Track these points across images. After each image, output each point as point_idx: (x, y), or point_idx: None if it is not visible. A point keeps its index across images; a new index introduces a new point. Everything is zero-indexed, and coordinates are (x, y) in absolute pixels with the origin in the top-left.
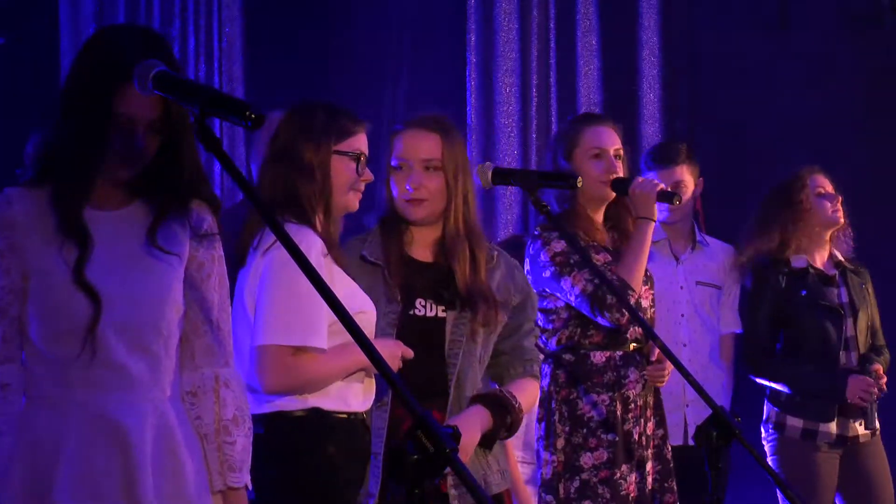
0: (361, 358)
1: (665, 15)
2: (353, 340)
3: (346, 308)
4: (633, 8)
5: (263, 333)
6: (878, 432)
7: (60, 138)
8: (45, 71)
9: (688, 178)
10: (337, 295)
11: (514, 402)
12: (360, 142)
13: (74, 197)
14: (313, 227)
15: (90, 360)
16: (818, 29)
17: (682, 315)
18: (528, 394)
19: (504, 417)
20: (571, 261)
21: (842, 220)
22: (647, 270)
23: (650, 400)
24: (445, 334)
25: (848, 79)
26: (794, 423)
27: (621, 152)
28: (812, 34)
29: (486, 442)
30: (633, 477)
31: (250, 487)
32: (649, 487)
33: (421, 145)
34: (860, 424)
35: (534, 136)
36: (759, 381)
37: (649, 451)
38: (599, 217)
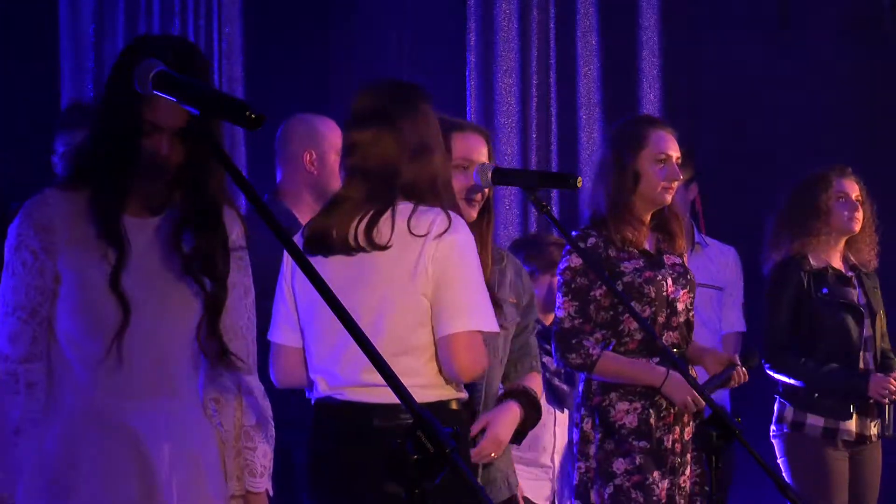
0: None
1: (665, 15)
2: None
3: None
4: (633, 8)
5: (468, 319)
6: (880, 436)
7: (95, 144)
8: (44, 71)
9: (684, 182)
10: None
11: (537, 398)
12: None
13: (112, 204)
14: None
15: (115, 366)
16: (818, 29)
17: None
18: (539, 389)
19: (533, 413)
20: (576, 283)
21: (856, 229)
22: (689, 273)
23: None
24: None
25: (848, 79)
26: (815, 421)
27: (680, 160)
28: (812, 35)
29: (516, 437)
30: (664, 483)
31: (271, 494)
32: (687, 493)
33: (480, 148)
34: (875, 426)
35: (534, 136)
36: (776, 376)
37: (688, 456)
38: (648, 219)
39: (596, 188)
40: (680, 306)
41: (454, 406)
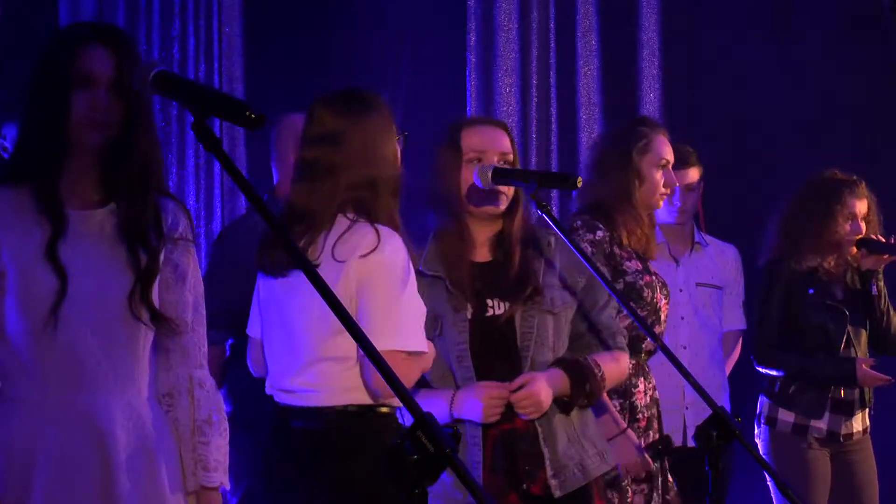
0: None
1: (665, 15)
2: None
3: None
4: (633, 8)
5: (383, 338)
6: (868, 430)
7: (28, 120)
8: None
9: (698, 180)
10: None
11: (595, 370)
12: None
13: (53, 193)
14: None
15: (66, 359)
16: (818, 29)
17: (682, 317)
18: (614, 363)
19: (583, 384)
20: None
21: (854, 252)
22: (658, 276)
23: (655, 412)
24: (516, 329)
25: (848, 79)
26: (786, 416)
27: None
28: (812, 34)
29: (564, 407)
30: (637, 486)
31: (228, 487)
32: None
33: (498, 140)
34: (855, 421)
35: (534, 135)
36: (766, 372)
37: (661, 462)
38: (646, 221)
39: (600, 180)
40: (662, 315)
41: (384, 410)
